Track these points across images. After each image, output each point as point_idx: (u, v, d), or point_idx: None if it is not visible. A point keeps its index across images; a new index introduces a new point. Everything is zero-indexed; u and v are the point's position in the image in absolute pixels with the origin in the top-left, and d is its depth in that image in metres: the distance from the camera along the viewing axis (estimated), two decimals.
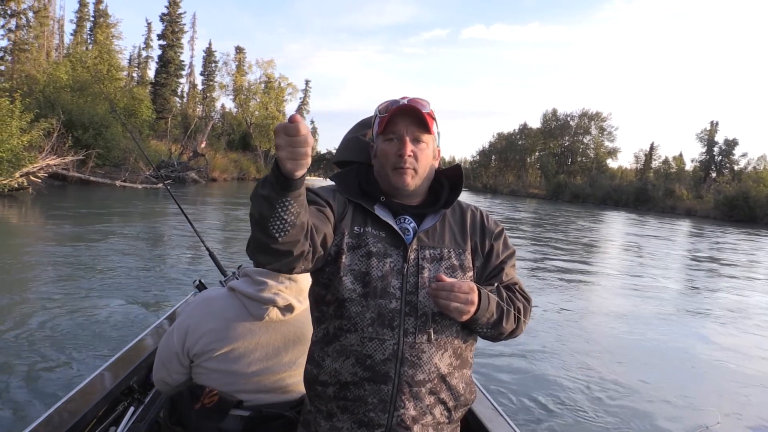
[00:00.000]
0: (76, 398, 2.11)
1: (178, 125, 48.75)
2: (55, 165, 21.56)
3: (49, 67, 34.25)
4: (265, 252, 1.21)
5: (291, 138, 1.04)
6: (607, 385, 5.15)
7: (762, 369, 6.20)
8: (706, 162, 65.42)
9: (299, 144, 1.04)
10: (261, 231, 1.17)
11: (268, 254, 1.22)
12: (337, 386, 1.43)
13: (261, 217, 1.15)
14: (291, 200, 1.13)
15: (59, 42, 49.47)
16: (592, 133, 78.26)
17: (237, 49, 60.78)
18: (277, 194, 1.11)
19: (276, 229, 1.15)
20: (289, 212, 1.14)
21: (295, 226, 1.17)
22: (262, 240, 1.18)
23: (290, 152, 1.05)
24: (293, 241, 1.20)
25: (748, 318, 8.82)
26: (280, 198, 1.12)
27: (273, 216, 1.14)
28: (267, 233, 1.16)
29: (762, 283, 12.95)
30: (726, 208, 44.68)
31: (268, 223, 1.14)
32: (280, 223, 1.15)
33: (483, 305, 1.37)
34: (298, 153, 1.05)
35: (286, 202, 1.12)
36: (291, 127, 1.03)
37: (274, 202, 1.12)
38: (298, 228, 1.19)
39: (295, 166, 1.07)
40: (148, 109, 39.40)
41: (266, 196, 1.12)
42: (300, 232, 1.20)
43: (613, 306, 8.81)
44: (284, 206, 1.13)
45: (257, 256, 1.25)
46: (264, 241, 1.18)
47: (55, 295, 6.77)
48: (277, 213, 1.13)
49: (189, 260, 9.88)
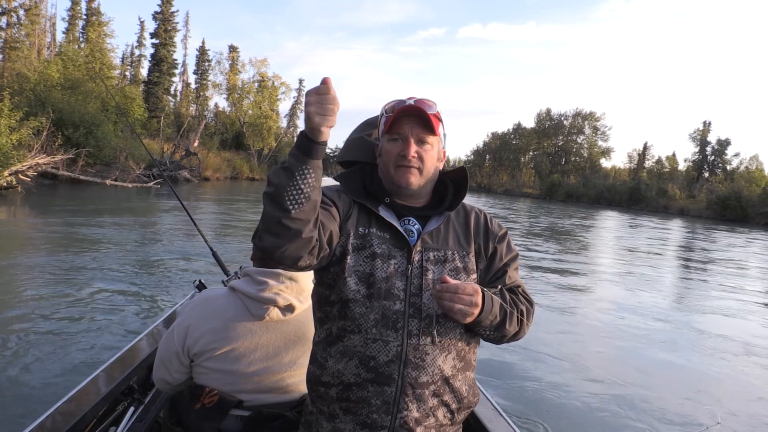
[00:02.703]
0: (76, 398, 2.11)
1: (171, 124, 48.56)
2: (44, 164, 21.42)
3: (40, 66, 33.97)
4: (275, 229, 1.22)
5: (321, 96, 1.15)
6: (607, 386, 5.15)
7: (762, 369, 6.20)
8: (698, 162, 65.79)
9: (328, 101, 1.15)
10: (275, 204, 1.20)
11: (277, 232, 1.22)
12: (340, 387, 1.43)
13: (278, 187, 1.20)
14: (310, 169, 1.19)
15: (51, 40, 49.19)
16: (585, 132, 78.60)
17: (230, 48, 60.53)
18: (298, 161, 1.19)
19: (291, 200, 1.19)
20: (306, 182, 1.19)
21: (310, 199, 1.21)
22: (274, 214, 1.21)
23: (319, 107, 1.15)
24: (305, 219, 1.22)
25: (747, 318, 8.86)
26: (300, 165, 1.19)
27: (290, 185, 1.19)
28: (281, 205, 1.19)
29: (759, 282, 13.01)
30: (718, 207, 44.97)
31: (284, 193, 1.19)
32: (296, 192, 1.19)
33: (486, 307, 1.37)
34: (326, 109, 1.15)
35: (306, 170, 1.19)
36: (322, 87, 1.15)
37: (294, 169, 1.19)
38: (312, 204, 1.22)
39: (322, 120, 1.16)
40: (140, 108, 39.21)
41: (287, 167, 1.20)
42: (312, 210, 1.23)
43: (611, 307, 8.81)
44: (303, 174, 1.19)
45: (265, 237, 1.25)
46: (276, 216, 1.20)
47: (53, 295, 6.71)
48: (295, 181, 1.19)
49: (189, 260, 9.79)
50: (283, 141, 63.07)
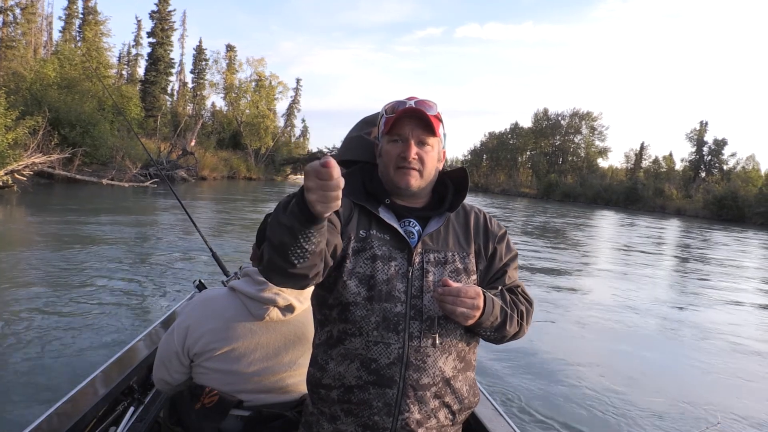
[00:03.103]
0: (76, 398, 2.11)
1: (167, 123, 48.41)
2: (40, 163, 21.35)
3: (36, 65, 33.84)
4: (281, 275, 1.22)
5: (323, 182, 1.01)
6: (607, 386, 5.14)
7: (762, 369, 6.19)
8: (695, 162, 65.92)
9: (331, 188, 1.02)
10: (279, 257, 1.17)
11: (284, 277, 1.23)
12: (342, 390, 1.43)
13: (281, 244, 1.15)
14: (314, 231, 1.13)
15: (47, 39, 49.08)
16: (582, 132, 78.59)
17: (228, 47, 60.47)
18: (301, 226, 1.11)
19: (296, 257, 1.15)
20: (310, 242, 1.14)
21: (315, 253, 1.18)
22: (279, 265, 1.19)
23: (321, 196, 1.03)
24: (310, 266, 1.20)
25: (746, 318, 8.88)
26: (303, 230, 1.12)
27: (294, 245, 1.14)
28: (286, 260, 1.16)
29: (756, 282, 13.03)
30: (715, 207, 45.07)
31: (288, 250, 1.15)
32: (300, 251, 1.15)
33: (488, 309, 1.38)
34: (329, 197, 1.03)
35: (309, 233, 1.13)
36: (324, 172, 0.99)
37: (297, 233, 1.12)
38: (318, 254, 1.19)
39: (325, 209, 1.06)
40: (137, 107, 39.10)
41: (289, 227, 1.12)
42: (319, 257, 1.21)
43: (609, 307, 8.80)
44: (306, 237, 1.13)
45: (272, 278, 1.25)
46: (281, 266, 1.19)
47: (51, 295, 6.67)
48: (299, 243, 1.13)
49: (188, 260, 9.75)
50: (280, 140, 63.02)
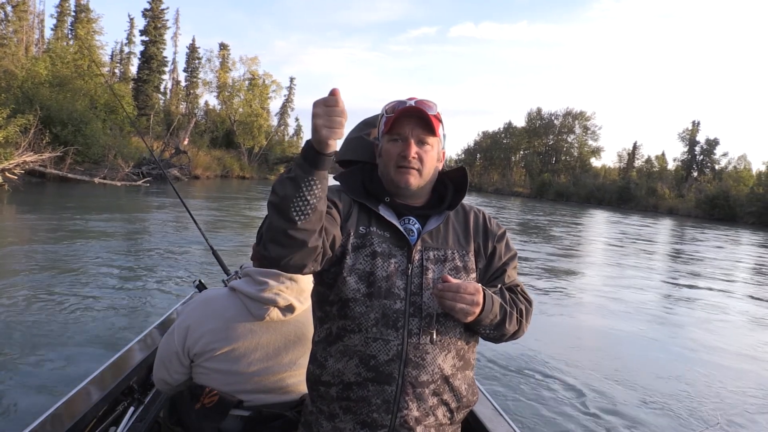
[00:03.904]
0: (76, 398, 2.11)
1: (160, 122, 48.19)
2: (32, 161, 21.22)
3: (27, 63, 33.58)
4: (281, 240, 1.21)
5: (329, 108, 1.11)
6: (607, 386, 5.14)
7: (762, 369, 6.19)
8: (687, 161, 66.31)
9: (336, 113, 1.11)
10: (281, 214, 1.18)
11: (283, 242, 1.21)
12: (341, 387, 1.43)
13: (284, 197, 1.17)
14: (317, 180, 1.16)
15: (39, 37, 48.71)
16: (576, 132, 78.89)
17: (221, 46, 60.24)
18: (305, 172, 1.16)
19: (297, 211, 1.17)
20: (312, 193, 1.17)
21: (316, 210, 1.19)
22: (280, 225, 1.19)
23: (327, 120, 1.11)
24: (310, 229, 1.21)
25: (745, 317, 8.90)
26: (306, 176, 1.16)
27: (297, 196, 1.16)
28: (287, 216, 1.17)
29: (754, 281, 13.09)
30: (707, 206, 45.37)
31: (291, 204, 1.16)
32: (303, 203, 1.17)
33: (487, 307, 1.38)
34: (334, 121, 1.11)
35: (312, 181, 1.16)
36: (330, 99, 1.11)
37: (301, 180, 1.16)
38: (318, 215, 1.20)
39: (329, 133, 1.12)
40: (129, 106, 38.87)
41: (293, 177, 1.16)
42: (318, 220, 1.21)
43: (608, 306, 8.80)
44: (309, 185, 1.16)
45: (270, 247, 1.23)
46: (282, 227, 1.19)
47: (50, 296, 6.62)
48: (302, 192, 1.16)
49: (188, 259, 9.70)
50: (273, 139, 62.87)
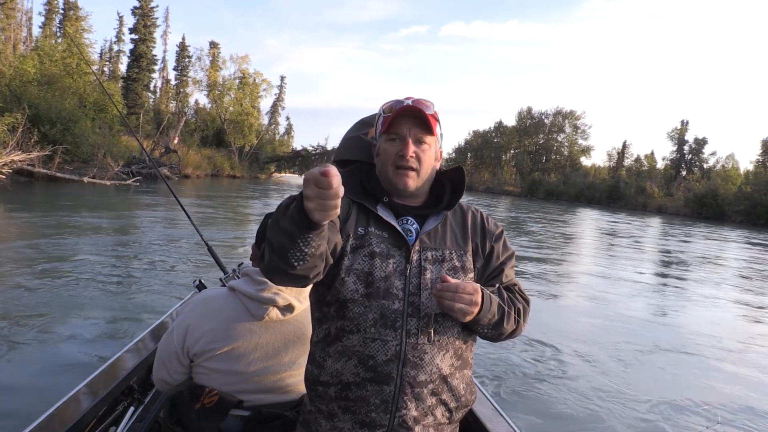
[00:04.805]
0: (76, 398, 2.11)
1: (150, 121, 47.90)
2: (20, 161, 21.03)
3: (15, 61, 33.24)
4: (282, 276, 1.23)
5: (322, 191, 1.01)
6: (607, 385, 5.13)
7: (762, 369, 6.20)
8: (676, 160, 66.81)
9: (330, 197, 1.01)
10: (279, 259, 1.18)
11: (284, 278, 1.24)
12: (339, 387, 1.44)
13: (281, 247, 1.15)
14: (313, 236, 1.13)
15: (27, 35, 48.24)
16: (566, 131, 79.26)
17: (211, 44, 59.97)
18: (300, 232, 1.11)
19: (295, 259, 1.16)
20: (309, 246, 1.14)
21: (315, 256, 1.18)
22: (280, 266, 1.19)
23: (320, 204, 1.03)
24: (311, 267, 1.20)
25: (744, 317, 8.94)
26: (302, 235, 1.12)
27: (293, 249, 1.14)
28: (286, 262, 1.17)
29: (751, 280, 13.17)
30: (695, 205, 45.74)
31: (288, 254, 1.15)
32: (300, 254, 1.15)
33: (485, 306, 1.39)
34: (327, 206, 1.03)
35: (309, 238, 1.13)
36: (323, 181, 0.99)
37: (296, 237, 1.12)
38: (318, 257, 1.20)
39: (323, 217, 1.06)
40: (119, 104, 38.63)
41: (288, 231, 1.12)
42: (319, 259, 1.21)
43: (608, 305, 8.79)
44: (306, 242, 1.13)
45: (273, 278, 1.27)
46: (282, 268, 1.19)
47: (48, 296, 6.56)
48: (298, 246, 1.14)
49: (185, 258, 9.64)
50: (264, 138, 62.64)
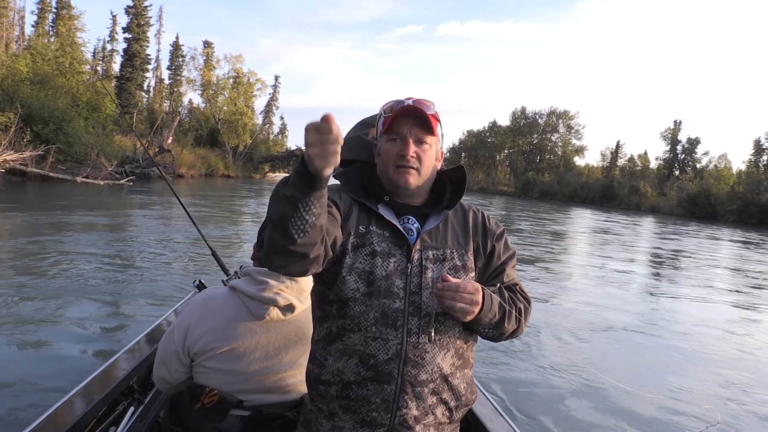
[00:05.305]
0: (76, 398, 2.11)
1: (143, 120, 47.69)
2: (12, 160, 20.92)
3: (8, 60, 33.06)
4: (282, 254, 1.21)
5: (322, 136, 1.04)
6: (606, 385, 5.13)
7: (762, 369, 6.21)
8: (669, 160, 67.05)
9: (330, 142, 1.04)
10: (280, 232, 1.17)
11: (284, 256, 1.21)
12: (340, 386, 1.44)
13: (282, 217, 1.15)
14: (314, 200, 1.13)
15: (19, 34, 48.00)
16: (560, 131, 79.32)
17: (205, 44, 59.73)
18: (301, 193, 1.11)
19: (296, 230, 1.15)
20: (310, 212, 1.14)
21: (315, 227, 1.17)
22: (280, 241, 1.18)
23: (321, 149, 1.05)
24: (311, 243, 1.19)
25: (746, 317, 8.97)
26: (303, 198, 1.12)
27: (294, 216, 1.14)
28: (286, 234, 1.16)
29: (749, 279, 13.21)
30: (688, 205, 45.89)
31: (289, 223, 1.14)
32: (301, 223, 1.14)
33: (486, 306, 1.39)
34: (328, 150, 1.05)
35: (309, 202, 1.13)
36: (323, 126, 1.03)
37: (297, 202, 1.12)
38: (318, 229, 1.19)
39: (324, 163, 1.07)
40: (112, 104, 38.46)
41: (289, 197, 1.12)
42: (318, 233, 1.20)
43: (607, 305, 8.77)
44: (307, 206, 1.13)
45: (272, 259, 1.24)
46: (282, 243, 1.18)
47: (48, 296, 6.53)
48: (299, 213, 1.13)
49: (184, 258, 9.62)
50: (258, 138, 62.50)
